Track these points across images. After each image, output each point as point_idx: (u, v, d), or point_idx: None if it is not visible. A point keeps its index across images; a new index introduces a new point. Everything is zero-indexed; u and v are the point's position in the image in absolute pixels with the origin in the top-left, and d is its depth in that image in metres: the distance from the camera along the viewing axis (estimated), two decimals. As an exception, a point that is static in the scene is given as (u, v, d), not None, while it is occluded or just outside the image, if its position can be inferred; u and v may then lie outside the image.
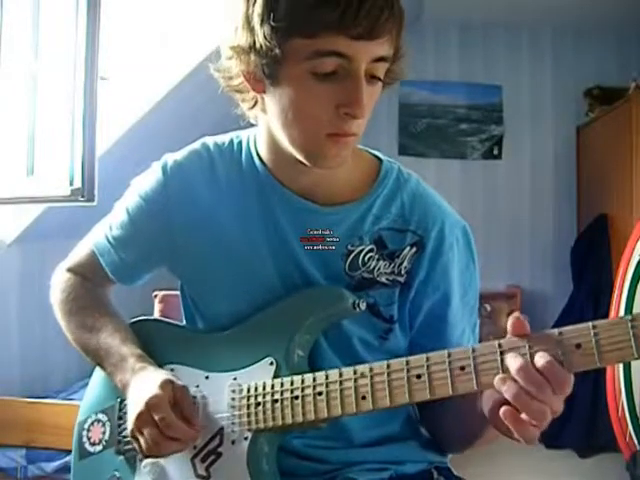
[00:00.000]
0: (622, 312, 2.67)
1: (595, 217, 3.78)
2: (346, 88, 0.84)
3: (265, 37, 0.83)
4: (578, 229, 4.16)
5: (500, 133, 4.31)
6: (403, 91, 4.21)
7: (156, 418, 0.87)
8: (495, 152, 4.32)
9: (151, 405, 0.88)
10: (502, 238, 4.23)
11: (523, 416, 0.73)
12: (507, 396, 0.74)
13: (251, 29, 0.85)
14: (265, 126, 0.97)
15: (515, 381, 0.73)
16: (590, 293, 3.58)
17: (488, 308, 4.05)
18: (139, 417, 0.89)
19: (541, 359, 0.73)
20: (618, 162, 3.55)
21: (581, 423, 3.26)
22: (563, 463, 3.14)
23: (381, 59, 0.86)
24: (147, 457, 0.93)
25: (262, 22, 0.84)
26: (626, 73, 3.71)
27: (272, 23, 0.82)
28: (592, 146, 4.07)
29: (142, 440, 0.89)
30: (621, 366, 2.56)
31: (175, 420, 0.88)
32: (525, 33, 4.28)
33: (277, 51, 0.84)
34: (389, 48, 0.87)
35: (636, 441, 2.57)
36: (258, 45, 0.85)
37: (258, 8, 0.84)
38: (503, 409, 0.74)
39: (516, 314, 0.78)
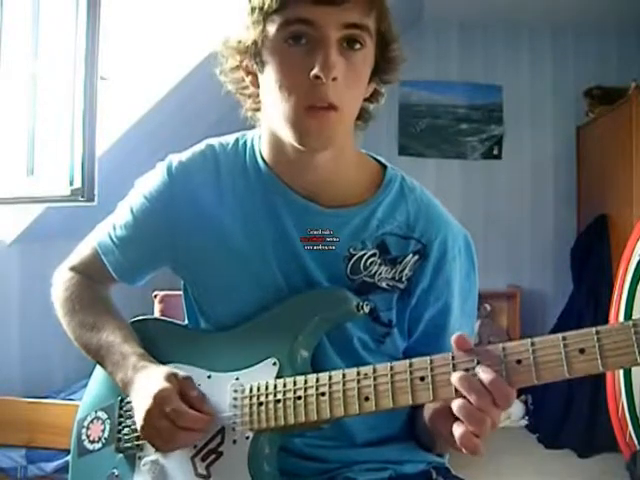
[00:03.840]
0: (622, 312, 2.67)
1: (595, 217, 3.78)
2: (315, 53, 0.86)
3: (250, 27, 0.91)
4: (578, 229, 4.16)
5: (500, 133, 4.31)
6: (403, 91, 4.22)
7: (167, 410, 0.88)
8: (495, 152, 4.33)
9: (160, 398, 0.88)
10: (502, 238, 4.23)
11: (468, 426, 0.77)
12: (452, 406, 0.78)
13: (238, 26, 0.93)
14: (266, 126, 0.98)
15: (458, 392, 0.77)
16: (590, 293, 3.58)
17: (488, 308, 4.06)
18: (149, 413, 0.89)
19: (485, 373, 0.76)
20: (618, 162, 3.55)
21: (581, 423, 3.26)
22: (563, 463, 3.14)
23: (354, 26, 0.87)
24: (164, 452, 0.93)
25: (245, 15, 0.91)
26: (626, 73, 3.72)
27: (250, 10, 0.90)
28: (592, 146, 4.07)
29: (156, 436, 0.90)
30: (621, 366, 2.56)
31: (187, 409, 0.89)
32: (525, 33, 4.28)
33: (259, 34, 0.90)
34: (362, 16, 0.88)
35: (636, 441, 2.57)
36: (245, 37, 0.92)
37: (240, 4, 0.91)
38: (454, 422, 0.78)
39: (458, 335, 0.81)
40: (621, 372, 2.59)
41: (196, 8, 2.39)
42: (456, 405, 0.77)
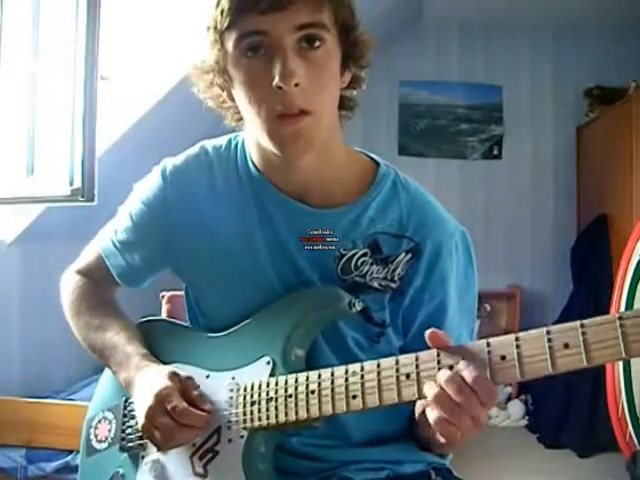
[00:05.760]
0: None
1: (595, 217, 3.78)
2: (273, 61, 0.86)
3: (209, 46, 0.92)
4: (578, 229, 4.16)
5: (500, 133, 4.31)
6: (403, 91, 4.22)
7: (168, 407, 0.89)
8: (495, 152, 4.33)
9: (162, 396, 0.89)
10: (502, 238, 4.23)
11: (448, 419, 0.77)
12: (435, 403, 0.77)
13: (201, 45, 0.94)
14: (250, 132, 0.99)
15: (444, 390, 0.76)
16: (590, 293, 3.58)
17: (488, 308, 4.06)
18: (150, 410, 0.90)
19: (470, 372, 0.76)
20: (618, 162, 3.55)
21: (581, 423, 3.26)
22: (563, 463, 3.14)
23: (307, 26, 0.86)
24: (165, 450, 0.94)
25: (204, 35, 0.92)
26: (626, 73, 3.72)
27: (208, 31, 0.91)
28: (592, 146, 4.07)
29: (157, 433, 0.90)
30: (621, 365, 2.56)
31: (187, 407, 0.90)
32: (525, 33, 4.28)
33: (219, 52, 0.91)
34: (312, 14, 0.86)
35: (636, 441, 2.57)
36: (207, 57, 0.94)
37: (200, 26, 0.93)
38: (429, 412, 0.79)
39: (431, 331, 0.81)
40: (621, 371, 2.59)
41: (196, 8, 2.39)
42: (435, 398, 0.77)
